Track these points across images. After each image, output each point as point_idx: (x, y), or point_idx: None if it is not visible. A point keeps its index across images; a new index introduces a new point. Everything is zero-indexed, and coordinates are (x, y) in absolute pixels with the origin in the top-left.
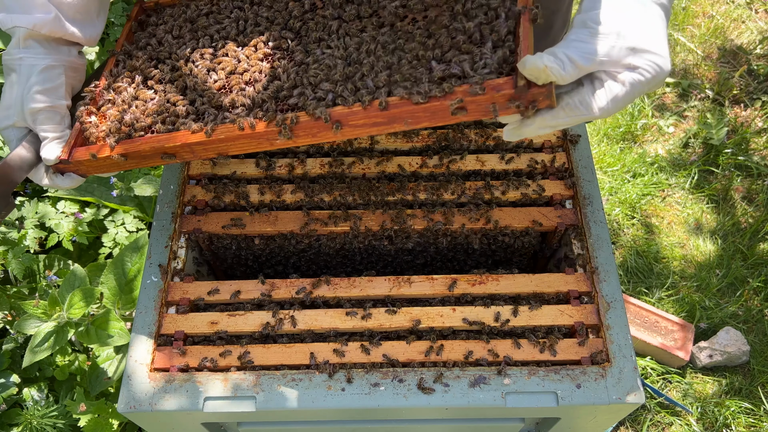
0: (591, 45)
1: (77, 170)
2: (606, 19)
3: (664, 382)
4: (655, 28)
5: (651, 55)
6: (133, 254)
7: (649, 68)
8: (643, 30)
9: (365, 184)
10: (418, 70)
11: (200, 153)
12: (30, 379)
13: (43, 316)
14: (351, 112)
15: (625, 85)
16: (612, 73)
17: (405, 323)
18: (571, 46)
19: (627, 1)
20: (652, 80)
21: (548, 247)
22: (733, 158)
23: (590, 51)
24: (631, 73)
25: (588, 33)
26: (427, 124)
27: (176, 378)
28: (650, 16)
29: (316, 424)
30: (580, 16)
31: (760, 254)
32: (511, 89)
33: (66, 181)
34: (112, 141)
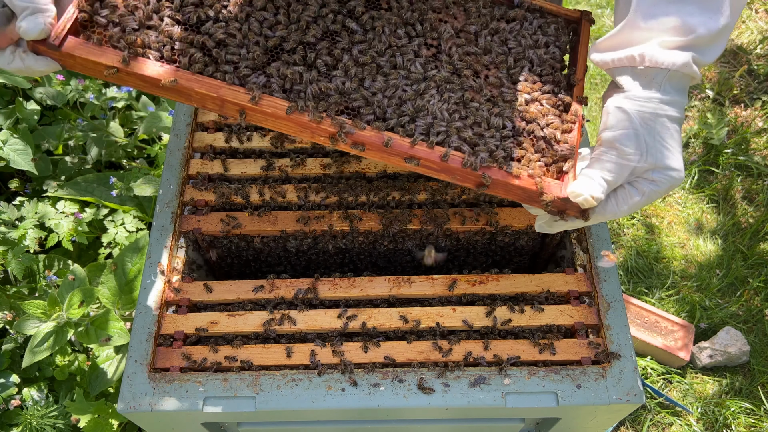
0: (621, 168)
1: (62, 60)
2: (633, 142)
3: (665, 382)
4: (673, 146)
5: (669, 170)
6: (133, 254)
7: (666, 182)
8: (663, 149)
9: (365, 184)
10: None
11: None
12: (30, 379)
13: (43, 316)
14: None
15: (643, 195)
16: (633, 183)
17: (404, 323)
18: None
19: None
20: (667, 190)
21: (548, 247)
22: (734, 158)
23: (620, 173)
24: (650, 185)
25: (619, 156)
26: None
27: (176, 378)
28: (672, 137)
29: (316, 424)
30: (607, 134)
31: (761, 254)
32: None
33: (40, 63)
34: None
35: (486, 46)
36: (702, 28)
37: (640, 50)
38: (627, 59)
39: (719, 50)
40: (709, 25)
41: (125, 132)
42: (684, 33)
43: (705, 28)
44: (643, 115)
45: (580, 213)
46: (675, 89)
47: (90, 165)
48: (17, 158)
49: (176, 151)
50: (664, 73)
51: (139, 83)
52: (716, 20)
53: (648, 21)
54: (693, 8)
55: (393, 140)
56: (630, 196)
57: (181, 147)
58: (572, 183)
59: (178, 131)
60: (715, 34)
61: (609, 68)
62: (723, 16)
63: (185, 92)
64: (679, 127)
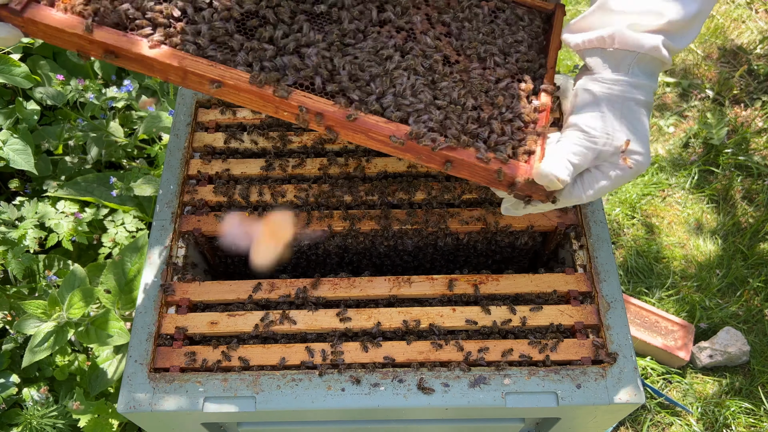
0: (587, 151)
1: (24, 27)
2: (599, 124)
3: (665, 382)
4: (640, 130)
5: (635, 155)
6: (133, 254)
7: (632, 166)
8: (630, 132)
9: (365, 184)
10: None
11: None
12: (30, 379)
13: (43, 316)
14: (376, 125)
15: (609, 180)
16: (600, 167)
17: (404, 323)
18: (573, 151)
19: (616, 102)
20: (634, 175)
21: (548, 247)
22: (734, 158)
23: (585, 156)
24: (615, 169)
25: (585, 137)
26: (432, 165)
27: (176, 378)
28: (639, 120)
29: (315, 424)
30: (574, 118)
31: (761, 254)
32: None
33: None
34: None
35: (458, 33)
36: (673, 13)
37: (610, 31)
38: (597, 40)
39: (691, 37)
40: (681, 11)
41: (125, 132)
42: (655, 17)
43: (676, 13)
44: (610, 98)
45: (546, 196)
46: (644, 73)
47: (90, 165)
48: (17, 158)
49: (176, 151)
50: (633, 56)
51: (101, 52)
52: (689, 6)
53: (620, 3)
54: None
55: (357, 116)
56: (596, 180)
57: (181, 147)
58: (538, 165)
59: (178, 131)
60: (688, 20)
61: (580, 50)
62: (696, 2)
63: (148, 62)
64: (647, 111)
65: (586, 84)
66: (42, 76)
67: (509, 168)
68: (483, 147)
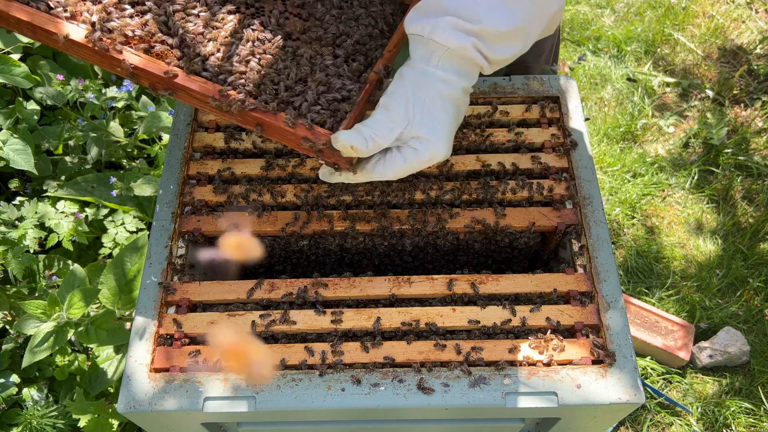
0: (389, 128)
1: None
2: (402, 107)
3: (665, 382)
4: (439, 119)
5: (429, 142)
6: (132, 254)
7: (426, 151)
8: (429, 120)
9: (365, 184)
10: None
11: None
12: (30, 379)
13: (43, 316)
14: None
15: (406, 162)
16: (400, 148)
17: (404, 323)
18: (374, 126)
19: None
20: (428, 161)
21: (548, 247)
22: (734, 158)
23: (388, 133)
24: (412, 153)
25: (388, 117)
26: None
27: (176, 378)
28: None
29: (315, 424)
30: (384, 98)
31: (761, 254)
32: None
33: None
34: None
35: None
36: (488, 22)
37: (431, 23)
38: (419, 28)
39: (512, 51)
40: (497, 22)
41: (125, 132)
42: (471, 20)
43: (491, 23)
44: (416, 85)
45: (348, 164)
46: (454, 69)
47: (90, 165)
48: (17, 158)
49: (176, 151)
50: (443, 50)
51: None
52: (506, 20)
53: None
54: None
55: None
56: (395, 160)
57: (181, 147)
58: (337, 132)
59: (178, 131)
60: (504, 32)
61: (408, 34)
62: (516, 20)
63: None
64: (452, 103)
65: (402, 69)
66: (42, 76)
67: (313, 134)
68: (293, 113)
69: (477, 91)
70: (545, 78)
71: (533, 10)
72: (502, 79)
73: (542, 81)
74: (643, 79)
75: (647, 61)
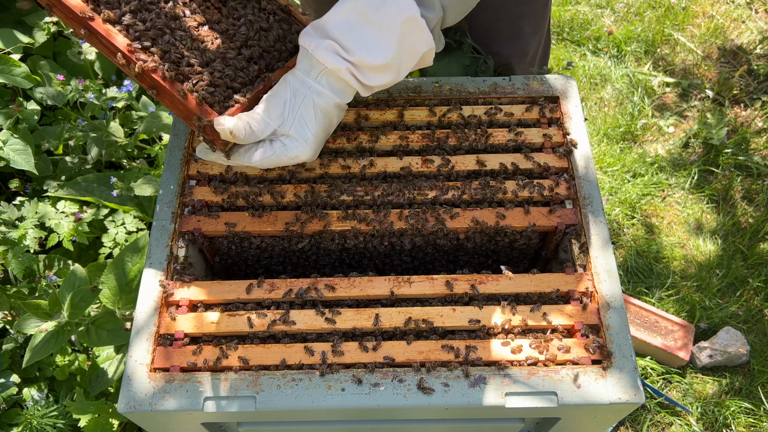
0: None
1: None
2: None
3: (664, 382)
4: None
5: (296, 142)
6: (133, 254)
7: (293, 148)
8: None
9: (365, 183)
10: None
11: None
12: (30, 379)
13: (44, 316)
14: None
15: (274, 153)
16: (272, 141)
17: (404, 323)
18: (253, 118)
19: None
20: (293, 158)
21: (548, 247)
22: (733, 158)
23: (264, 127)
24: (281, 147)
25: (267, 113)
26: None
27: (176, 378)
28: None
29: (316, 424)
30: (267, 96)
31: (761, 254)
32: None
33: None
34: None
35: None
36: (360, 54)
37: (315, 42)
38: (306, 42)
39: (384, 80)
40: (368, 56)
41: (125, 132)
42: (347, 50)
43: (362, 55)
44: (295, 91)
45: (223, 147)
46: (329, 85)
47: (90, 165)
48: (17, 158)
49: (176, 151)
50: (321, 68)
51: None
52: (376, 56)
53: (333, 26)
54: (368, 36)
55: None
56: (265, 150)
57: (181, 147)
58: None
59: (178, 131)
60: (374, 65)
61: (299, 44)
62: (385, 57)
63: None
64: (323, 114)
65: (287, 75)
66: (42, 76)
67: (201, 110)
68: (189, 86)
69: (477, 91)
70: (545, 78)
71: (402, 50)
72: (502, 80)
73: (542, 81)
74: (643, 79)
75: (647, 61)
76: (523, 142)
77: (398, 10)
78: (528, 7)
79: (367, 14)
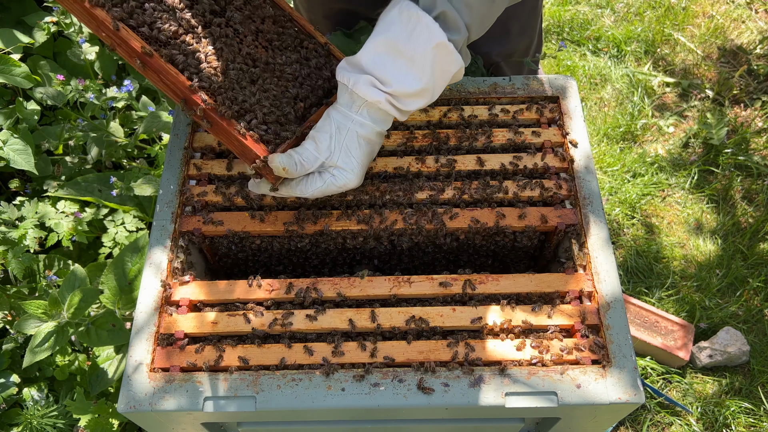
0: (314, 156)
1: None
2: (327, 141)
3: (664, 382)
4: (355, 157)
5: (344, 172)
6: (133, 254)
7: (341, 178)
8: (345, 154)
9: (365, 183)
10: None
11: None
12: (30, 379)
13: (43, 316)
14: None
15: (324, 183)
16: (321, 173)
17: (404, 323)
18: (303, 154)
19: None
20: (342, 186)
21: (548, 247)
22: (733, 158)
23: (313, 161)
24: (330, 177)
25: (315, 147)
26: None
27: (176, 378)
28: (355, 147)
29: (315, 424)
30: (313, 132)
31: (761, 254)
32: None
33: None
34: None
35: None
36: (397, 86)
37: (354, 77)
38: (345, 78)
39: (420, 104)
40: (404, 86)
41: (125, 132)
42: (384, 83)
43: (399, 86)
44: (339, 125)
45: (274, 180)
46: (370, 116)
47: (90, 165)
48: (17, 158)
49: (176, 151)
50: (362, 101)
51: None
52: (411, 84)
53: (368, 62)
54: (401, 67)
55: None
56: (315, 182)
57: (181, 147)
58: (274, 153)
59: (178, 131)
60: (411, 92)
61: (337, 80)
62: (420, 83)
63: None
64: (366, 143)
65: (330, 110)
66: (42, 76)
67: (257, 148)
68: (244, 125)
69: (477, 90)
70: (545, 78)
71: (435, 74)
72: (502, 80)
73: (542, 81)
74: (643, 79)
75: (647, 61)
76: (523, 142)
77: (427, 39)
78: (516, 8)
79: (398, 46)
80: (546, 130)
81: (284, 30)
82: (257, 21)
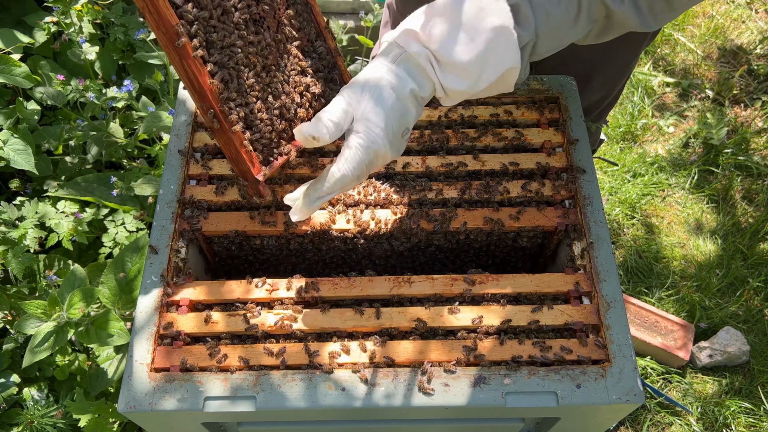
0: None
1: None
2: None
3: (664, 382)
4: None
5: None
6: (133, 254)
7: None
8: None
9: (365, 183)
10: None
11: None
12: (30, 379)
13: (43, 316)
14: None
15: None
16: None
17: (404, 323)
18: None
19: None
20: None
21: (549, 247)
22: (733, 158)
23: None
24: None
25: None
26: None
27: (176, 378)
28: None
29: (316, 424)
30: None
31: (761, 254)
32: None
33: None
34: None
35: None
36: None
37: (396, 32)
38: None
39: (461, 85)
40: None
41: (125, 132)
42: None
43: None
44: (371, 72)
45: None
46: (406, 69)
47: (90, 165)
48: (17, 158)
49: (176, 151)
50: (400, 51)
51: None
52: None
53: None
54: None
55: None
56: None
57: (181, 147)
58: (300, 126)
59: (178, 131)
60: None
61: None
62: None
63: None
64: (398, 98)
65: (366, 66)
66: (42, 76)
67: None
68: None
69: None
70: (545, 78)
71: (486, 57)
72: None
73: (542, 81)
74: (643, 79)
75: (647, 61)
76: (524, 142)
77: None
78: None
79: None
80: (546, 130)
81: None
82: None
